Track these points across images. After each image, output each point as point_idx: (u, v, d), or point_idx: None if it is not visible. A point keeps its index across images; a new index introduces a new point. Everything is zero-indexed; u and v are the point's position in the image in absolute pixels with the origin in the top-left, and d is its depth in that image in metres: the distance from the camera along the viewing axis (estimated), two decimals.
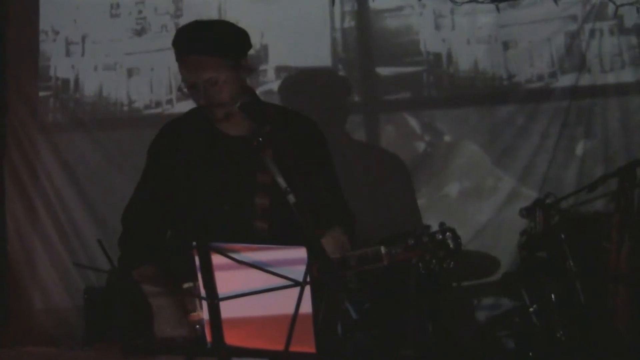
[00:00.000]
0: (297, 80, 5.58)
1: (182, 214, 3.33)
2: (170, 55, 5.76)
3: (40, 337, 5.47)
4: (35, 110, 5.92)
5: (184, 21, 5.75)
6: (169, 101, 5.83)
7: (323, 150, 3.43)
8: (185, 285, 2.99)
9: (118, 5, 5.93)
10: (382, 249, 2.88)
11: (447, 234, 2.83)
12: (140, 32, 5.89)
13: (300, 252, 2.48)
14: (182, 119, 3.54)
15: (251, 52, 3.44)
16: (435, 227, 2.84)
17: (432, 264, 2.81)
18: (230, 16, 5.55)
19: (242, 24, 3.44)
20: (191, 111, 3.48)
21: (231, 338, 2.54)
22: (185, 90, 3.26)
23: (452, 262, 2.83)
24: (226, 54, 3.22)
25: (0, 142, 5.87)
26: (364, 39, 5.66)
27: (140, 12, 5.91)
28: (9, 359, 2.92)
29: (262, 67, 5.51)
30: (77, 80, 5.93)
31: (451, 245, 2.81)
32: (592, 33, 5.37)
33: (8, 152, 5.87)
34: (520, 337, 4.72)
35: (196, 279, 2.57)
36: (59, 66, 5.96)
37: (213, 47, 3.19)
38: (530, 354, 4.58)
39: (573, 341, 4.42)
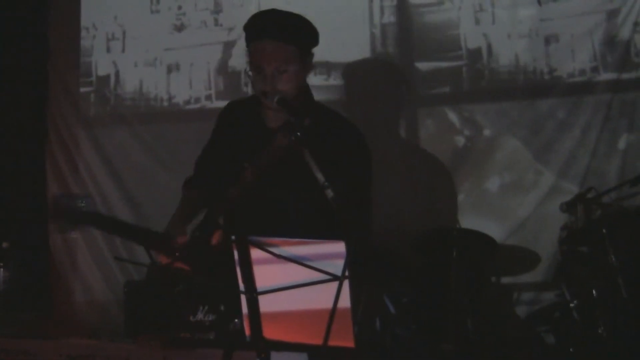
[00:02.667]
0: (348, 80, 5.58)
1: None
2: (210, 51, 5.85)
3: (81, 329, 5.54)
4: (77, 105, 5.99)
5: (223, 17, 5.81)
6: (208, 97, 5.86)
7: (360, 161, 3.40)
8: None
9: (158, 1, 5.97)
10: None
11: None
12: (180, 28, 5.93)
13: (339, 247, 2.47)
14: (243, 102, 3.60)
15: None
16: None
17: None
18: None
19: None
20: (251, 98, 3.52)
21: (270, 332, 2.54)
22: (250, 73, 3.28)
23: None
24: (300, 45, 3.25)
25: (43, 137, 5.94)
26: (404, 34, 5.63)
27: (180, 7, 5.95)
28: (52, 350, 2.95)
29: None
30: (117, 76, 5.99)
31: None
32: (635, 26, 5.30)
33: (50, 147, 5.94)
34: (560, 333, 4.68)
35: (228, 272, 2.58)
36: (100, 62, 6.02)
37: (290, 35, 3.23)
38: (571, 349, 4.54)
39: (615, 337, 4.38)
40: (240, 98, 3.67)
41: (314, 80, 5.56)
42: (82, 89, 6.02)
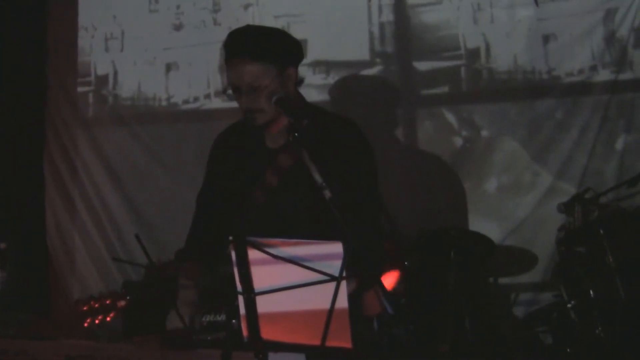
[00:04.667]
0: (347, 81, 5.58)
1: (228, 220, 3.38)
2: (208, 50, 5.85)
3: (79, 329, 5.53)
4: (75, 105, 5.98)
5: (222, 16, 5.81)
6: (207, 96, 5.85)
7: (362, 160, 3.37)
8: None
9: (157, 1, 5.97)
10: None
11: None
12: (178, 27, 5.93)
13: (336, 247, 2.47)
14: (235, 127, 3.55)
15: None
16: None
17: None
18: (268, 11, 5.56)
19: (280, 20, 3.45)
20: (240, 121, 3.50)
21: (267, 333, 2.54)
22: (229, 92, 3.27)
23: None
24: (271, 61, 3.22)
25: (41, 138, 5.94)
26: (402, 33, 5.63)
27: (178, 7, 5.95)
28: (51, 350, 2.95)
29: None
30: (116, 76, 5.98)
31: None
32: (633, 25, 5.30)
33: (48, 147, 5.94)
34: (558, 333, 4.69)
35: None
36: (98, 62, 6.02)
37: (257, 52, 3.20)
38: (569, 350, 4.55)
39: (612, 338, 4.38)
40: (230, 126, 3.63)
41: (313, 79, 5.57)
42: (81, 89, 6.01)
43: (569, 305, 4.57)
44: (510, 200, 5.41)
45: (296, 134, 2.91)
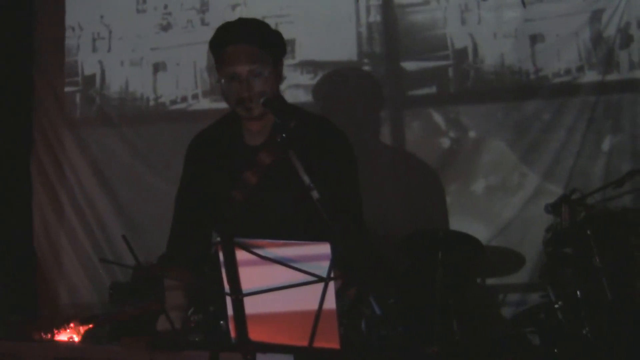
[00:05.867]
0: (330, 80, 5.57)
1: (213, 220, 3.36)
2: (196, 51, 5.83)
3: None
4: (62, 106, 5.95)
5: (209, 16, 5.81)
6: (195, 96, 5.85)
7: (346, 162, 3.39)
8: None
9: (144, 1, 5.95)
10: None
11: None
12: (166, 27, 5.91)
13: (324, 248, 2.47)
14: (212, 128, 3.54)
15: None
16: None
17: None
18: (255, 11, 5.55)
19: (268, 20, 3.45)
20: (220, 121, 3.49)
21: (255, 334, 2.54)
22: (223, 82, 3.27)
23: None
24: (268, 50, 3.24)
25: (28, 138, 5.91)
26: (389, 34, 5.64)
27: (166, 7, 5.94)
28: (38, 352, 2.94)
29: (288, 62, 5.49)
30: (103, 76, 5.96)
31: None
32: (620, 26, 5.32)
33: (35, 148, 5.91)
34: (546, 334, 4.70)
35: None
36: (86, 62, 6.00)
37: (257, 38, 3.23)
38: (556, 350, 4.56)
39: (599, 338, 4.39)
40: (206, 127, 3.62)
41: (300, 79, 5.58)
42: (68, 89, 5.99)
43: (556, 306, 4.58)
44: (497, 201, 5.42)
45: (284, 135, 2.92)
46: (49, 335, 3.01)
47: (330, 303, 2.46)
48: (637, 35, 5.32)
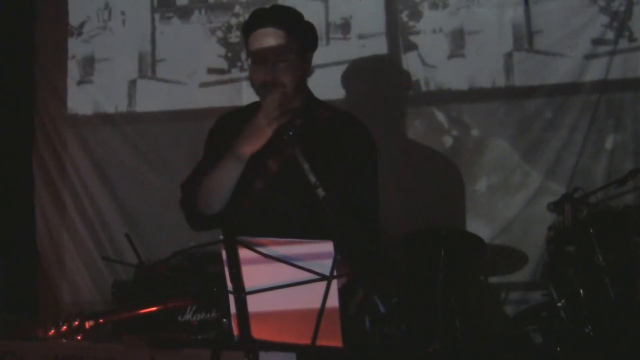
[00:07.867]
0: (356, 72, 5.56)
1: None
2: (197, 47, 5.80)
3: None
4: (64, 105, 5.95)
5: (212, 16, 5.79)
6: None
7: (367, 158, 3.39)
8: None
9: None
10: None
11: None
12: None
13: (327, 246, 2.46)
14: (238, 111, 3.57)
15: None
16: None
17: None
18: None
19: None
20: (248, 106, 3.49)
21: (258, 332, 2.53)
22: (250, 65, 3.28)
23: None
24: (296, 36, 3.26)
25: (29, 137, 5.91)
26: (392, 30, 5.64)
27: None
28: (39, 351, 2.93)
29: None
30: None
31: None
32: (621, 26, 5.31)
33: (37, 147, 5.91)
34: (548, 332, 4.70)
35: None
36: (86, 60, 5.98)
37: (284, 22, 3.25)
38: (558, 349, 4.56)
39: (602, 337, 4.39)
40: (232, 109, 3.63)
41: None
42: (69, 87, 5.97)
43: (558, 305, 4.59)
44: (500, 199, 5.41)
45: (291, 133, 2.93)
46: (52, 332, 3.00)
47: (333, 301, 2.46)
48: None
